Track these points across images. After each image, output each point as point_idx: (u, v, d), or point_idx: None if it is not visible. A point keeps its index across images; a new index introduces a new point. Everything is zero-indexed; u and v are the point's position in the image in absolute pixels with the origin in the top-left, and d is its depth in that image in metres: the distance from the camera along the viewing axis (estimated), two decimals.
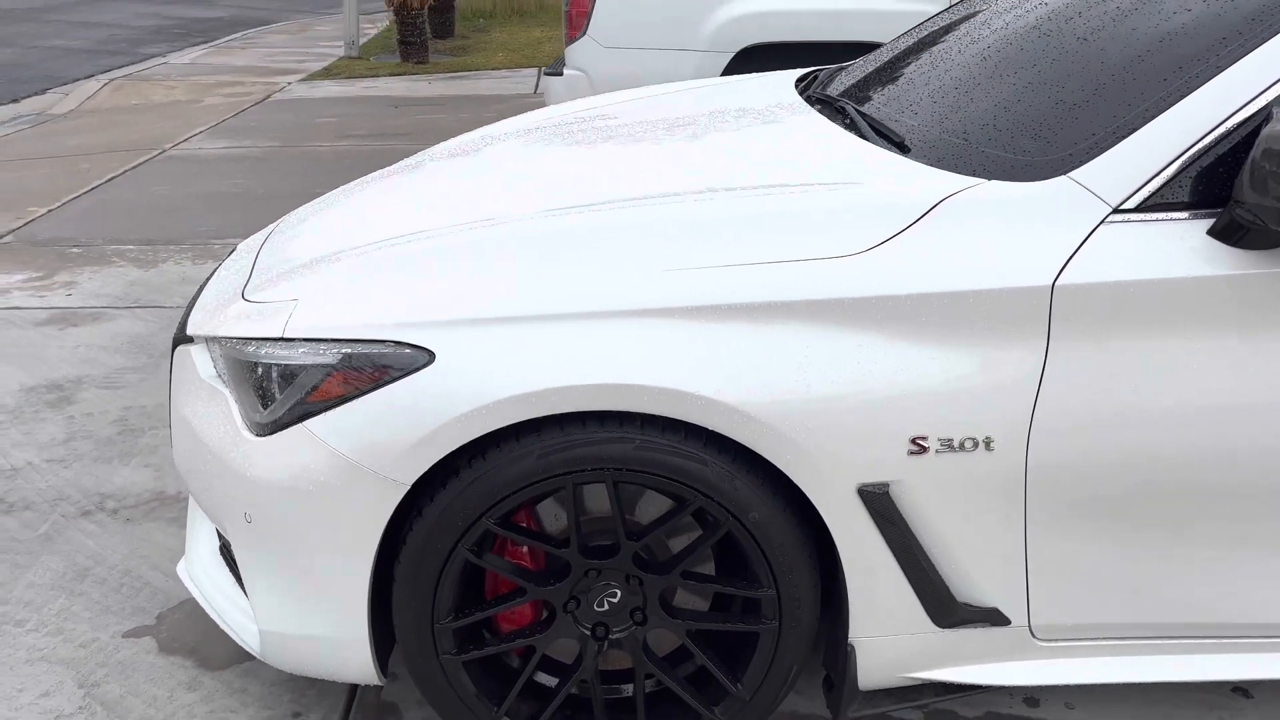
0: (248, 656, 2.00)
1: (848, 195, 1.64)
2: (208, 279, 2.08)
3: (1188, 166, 1.50)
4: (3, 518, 2.47)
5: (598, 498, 1.63)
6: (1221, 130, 1.49)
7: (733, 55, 4.32)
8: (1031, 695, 1.92)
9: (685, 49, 4.35)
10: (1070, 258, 1.48)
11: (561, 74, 4.54)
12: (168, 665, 1.99)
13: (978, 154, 1.69)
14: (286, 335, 1.59)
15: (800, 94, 2.30)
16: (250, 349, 1.63)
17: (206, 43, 12.27)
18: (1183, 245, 1.48)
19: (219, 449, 1.65)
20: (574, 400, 1.46)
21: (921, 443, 1.49)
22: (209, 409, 1.72)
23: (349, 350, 1.54)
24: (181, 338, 1.87)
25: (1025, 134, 1.68)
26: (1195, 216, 1.50)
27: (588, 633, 1.65)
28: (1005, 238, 1.50)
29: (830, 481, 1.50)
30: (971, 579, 1.59)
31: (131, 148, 6.64)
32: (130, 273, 4.22)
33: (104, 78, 9.75)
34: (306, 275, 1.73)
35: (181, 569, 1.95)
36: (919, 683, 1.68)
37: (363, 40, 11.72)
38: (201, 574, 1.89)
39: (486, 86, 9.14)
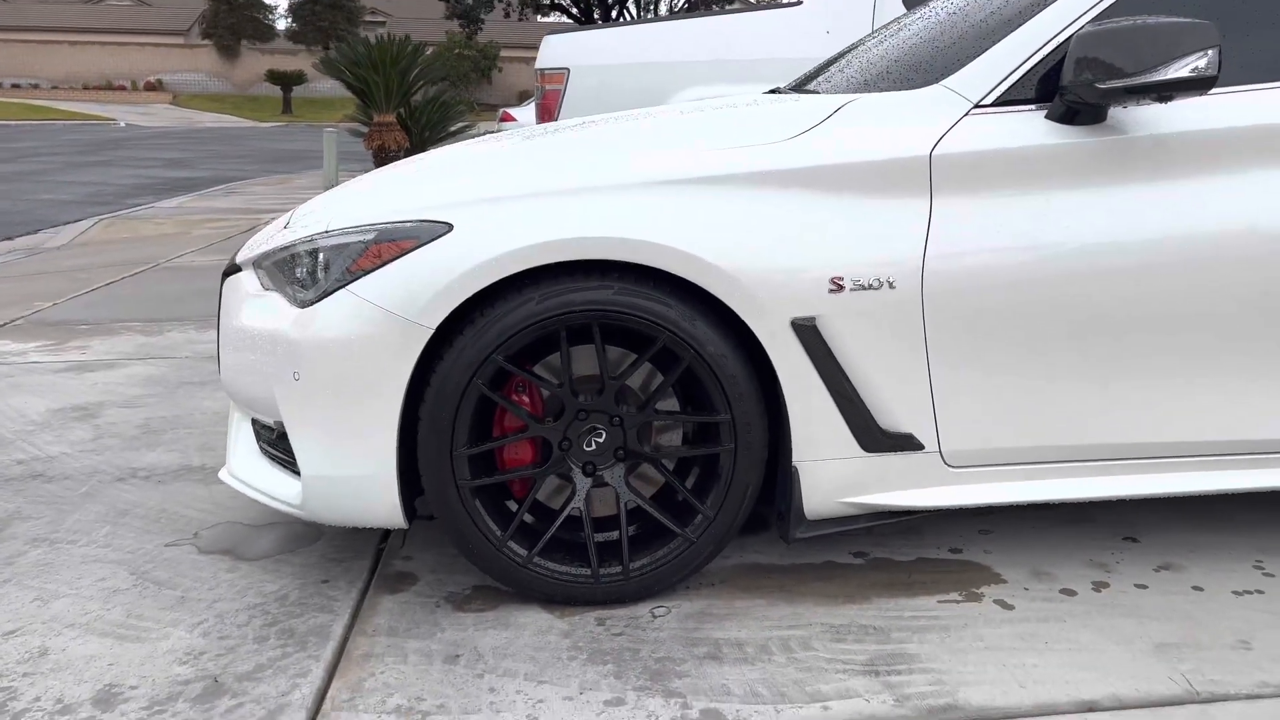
0: (282, 550, 2.29)
1: (780, 107, 2.11)
2: (244, 244, 2.47)
3: (1028, 73, 1.98)
4: (44, 485, 2.74)
5: (585, 359, 1.99)
6: (1050, 46, 1.98)
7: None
8: (955, 544, 2.25)
9: None
10: (942, 136, 1.93)
11: None
12: (208, 560, 2.26)
13: (876, 87, 2.17)
14: (330, 229, 1.99)
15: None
16: (298, 246, 2.01)
17: (191, 192, 12.97)
18: (1027, 126, 1.95)
19: (270, 330, 2.01)
20: (561, 251, 1.85)
21: (839, 282, 1.90)
22: (258, 310, 2.08)
23: (383, 227, 1.93)
24: (232, 269, 2.25)
25: (910, 69, 2.17)
26: (1036, 108, 1.97)
27: (579, 468, 1.98)
28: (893, 124, 1.96)
29: (769, 316, 1.89)
30: (889, 406, 1.96)
31: (129, 263, 7.09)
32: (138, 339, 4.58)
33: (93, 219, 10.30)
34: (333, 200, 2.14)
35: (224, 473, 2.25)
36: (854, 510, 2.01)
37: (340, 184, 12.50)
38: (242, 468, 2.19)
39: None
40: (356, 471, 1.94)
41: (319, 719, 1.66)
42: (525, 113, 18.69)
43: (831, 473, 1.98)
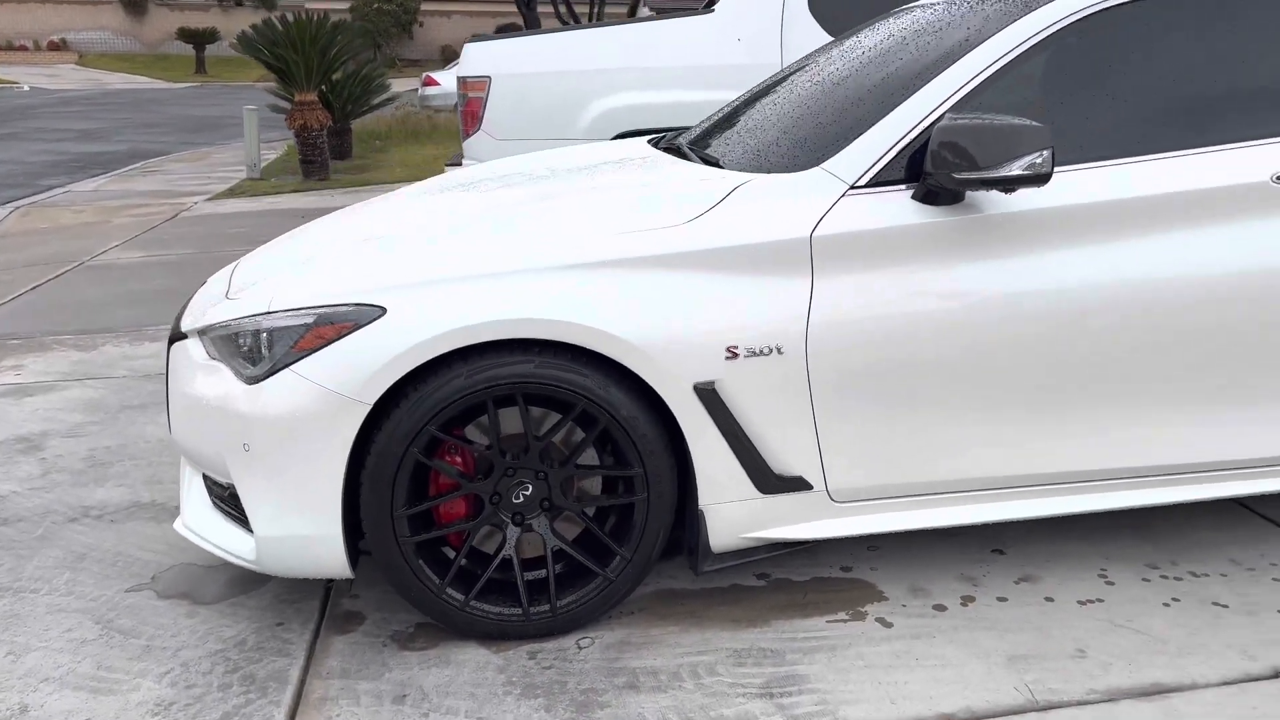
0: (236, 593, 2.49)
1: (682, 187, 2.33)
2: (187, 302, 2.62)
3: (897, 156, 2.23)
4: (1, 529, 2.88)
5: (511, 420, 2.21)
6: (916, 132, 2.23)
7: (610, 140, 5.10)
8: (846, 563, 2.54)
9: (568, 138, 5.11)
10: (822, 217, 2.18)
11: (461, 164, 5.25)
12: (168, 605, 2.44)
13: (765, 162, 2.41)
14: (271, 309, 2.16)
15: (651, 145, 3.03)
16: (244, 324, 2.19)
17: (106, 173, 12.69)
18: (896, 206, 2.20)
19: (219, 403, 2.19)
20: (486, 332, 2.06)
21: (734, 350, 2.14)
22: (206, 380, 2.25)
23: (322, 312, 2.12)
24: (176, 335, 2.41)
25: (795, 147, 2.41)
26: (905, 188, 2.22)
27: (508, 518, 2.21)
28: (779, 207, 2.20)
29: (674, 381, 2.13)
30: (781, 454, 2.22)
31: (52, 261, 7.04)
32: (73, 355, 4.64)
33: (9, 207, 10.07)
34: (276, 275, 2.32)
35: (179, 524, 2.43)
36: (753, 543, 2.29)
37: (263, 163, 12.33)
38: (197, 521, 2.38)
39: None
40: (306, 532, 2.14)
41: None
42: (448, 77, 18.51)
43: (733, 513, 2.25)
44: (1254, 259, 2.24)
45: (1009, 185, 2.08)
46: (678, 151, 2.85)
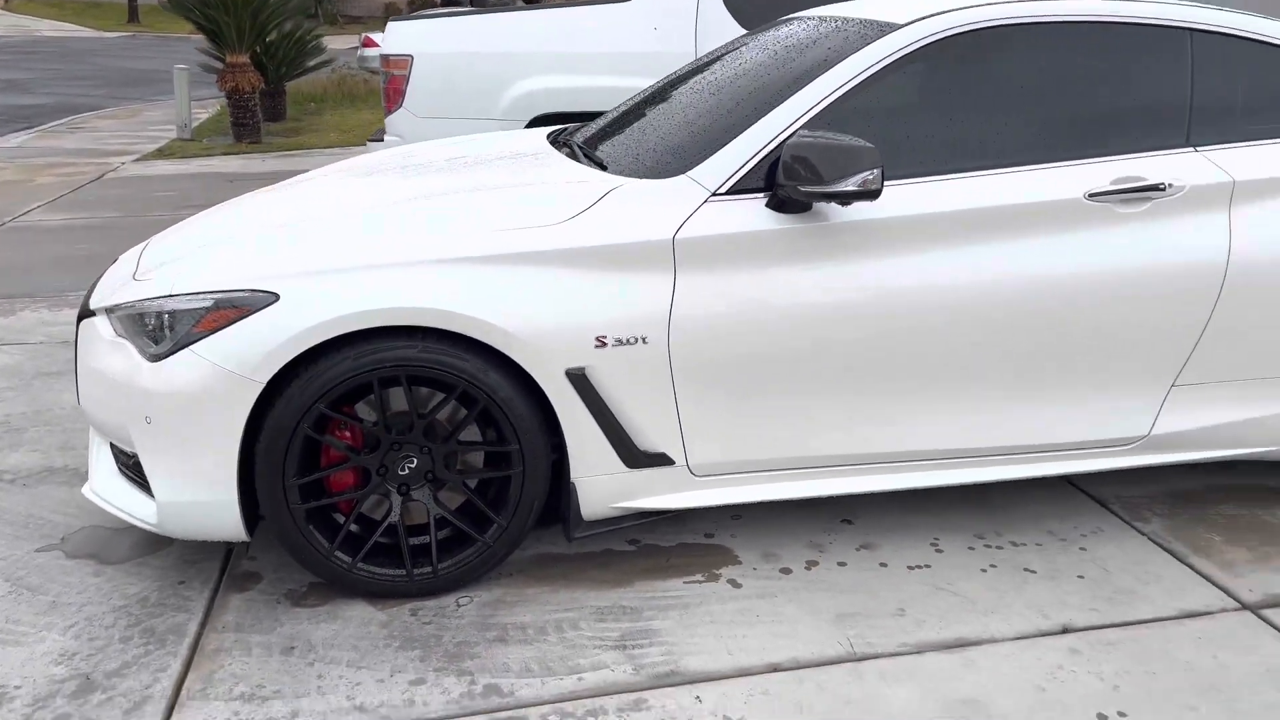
0: (141, 554, 2.66)
1: (560, 189, 2.53)
2: (96, 281, 2.76)
3: (755, 168, 2.46)
4: None
5: (399, 399, 2.42)
6: (771, 146, 2.46)
7: (526, 123, 5.27)
8: (710, 530, 2.80)
9: (487, 118, 5.26)
10: (684, 221, 2.40)
11: (383, 140, 5.37)
12: (75, 565, 2.61)
13: (642, 167, 2.62)
14: (174, 292, 2.33)
15: (548, 140, 3.23)
16: (149, 305, 2.35)
17: (30, 128, 12.42)
18: (751, 213, 2.43)
19: (124, 378, 2.35)
20: (372, 319, 2.25)
21: (603, 339, 2.37)
22: (113, 356, 2.41)
23: (220, 296, 2.29)
24: (85, 313, 2.56)
25: (669, 153, 2.63)
26: (761, 196, 2.45)
27: (394, 489, 2.42)
28: (646, 211, 2.42)
29: (547, 366, 2.34)
30: (646, 433, 2.46)
31: None
32: None
33: None
34: (181, 259, 2.48)
35: (87, 489, 2.59)
36: (622, 512, 2.53)
37: (195, 124, 12.19)
38: (104, 487, 2.54)
39: (319, 162, 9.80)
40: (204, 498, 2.33)
41: (176, 708, 2.08)
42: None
43: (602, 485, 2.49)
44: (1069, 267, 2.52)
45: (845, 199, 2.32)
46: (571, 149, 3.05)
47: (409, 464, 2.43)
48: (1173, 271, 2.55)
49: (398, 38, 5.27)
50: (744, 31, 5.12)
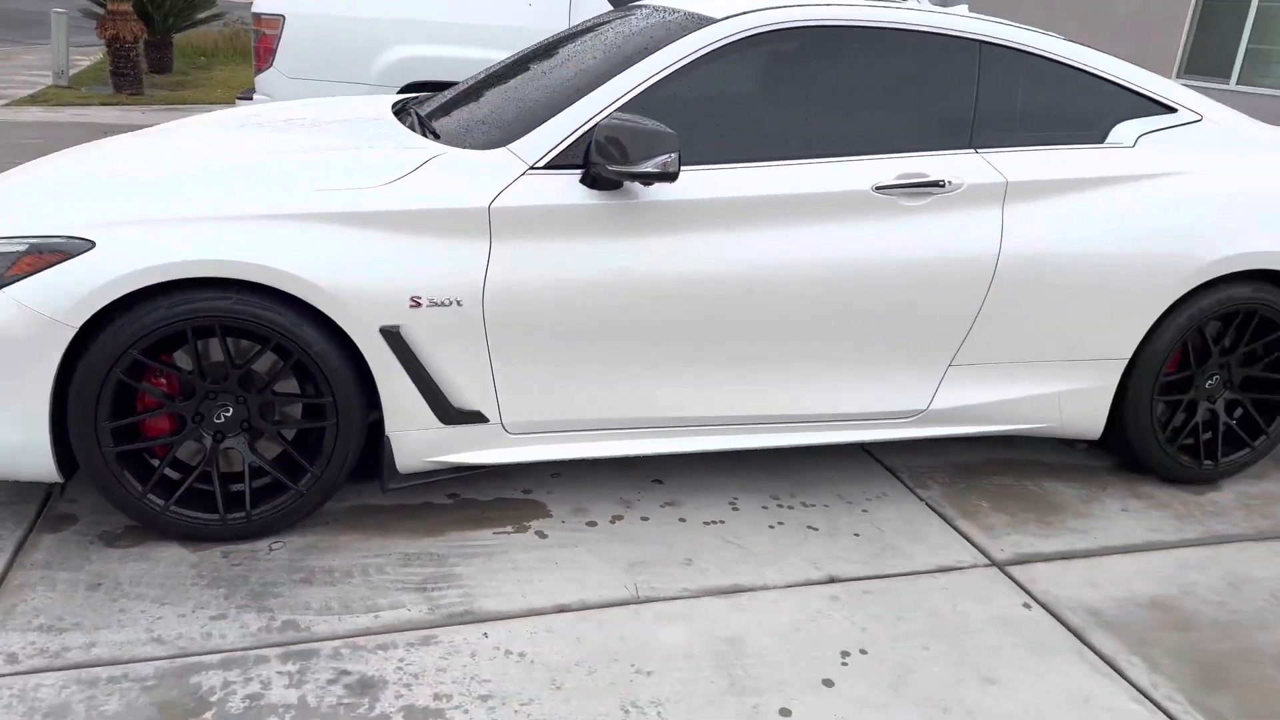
0: None
1: (383, 154, 2.64)
2: None
3: (572, 145, 2.62)
4: None
5: (217, 349, 2.50)
6: (588, 126, 2.62)
7: (399, 90, 5.32)
8: (528, 486, 2.97)
9: (359, 82, 5.29)
10: (501, 191, 2.55)
11: (251, 99, 5.35)
12: None
13: (470, 138, 2.75)
14: None
15: (392, 109, 3.33)
16: None
17: None
18: (567, 187, 2.59)
19: None
20: (185, 270, 2.33)
21: (418, 300, 2.50)
22: None
23: (35, 241, 2.34)
24: None
25: (495, 127, 2.77)
26: (577, 172, 2.61)
27: (209, 436, 2.52)
28: (464, 179, 2.55)
29: (361, 323, 2.47)
30: (460, 391, 2.61)
31: None
32: None
33: None
34: (2, 203, 2.51)
35: None
36: (438, 466, 2.67)
37: (74, 71, 11.73)
38: None
39: None
40: (17, 439, 2.38)
41: None
42: None
43: (417, 439, 2.62)
44: (857, 253, 2.75)
45: (648, 179, 2.50)
46: (413, 118, 3.16)
47: (224, 413, 2.53)
48: (951, 261, 2.81)
49: None
50: (610, 9, 5.26)
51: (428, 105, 3.34)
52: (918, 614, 2.48)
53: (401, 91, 5.32)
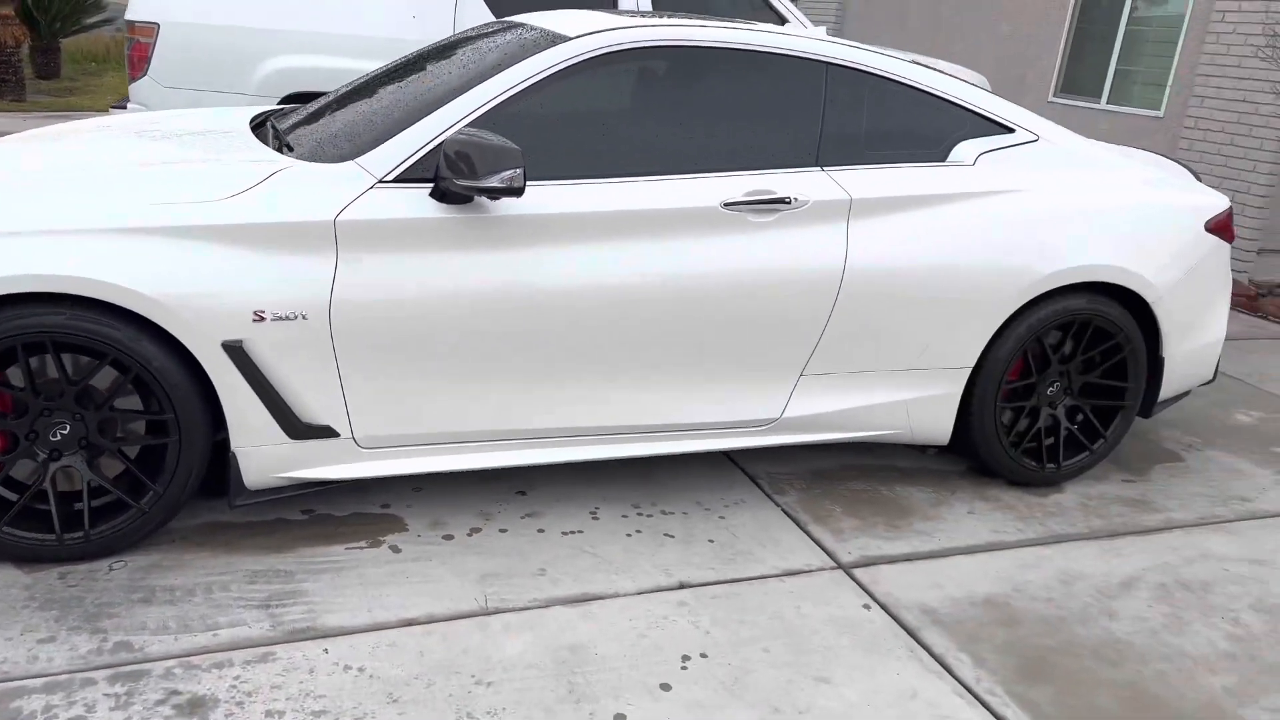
0: None
1: (228, 167, 2.62)
2: None
3: (421, 159, 2.63)
4: None
5: (51, 366, 2.45)
6: (438, 140, 2.64)
7: (279, 100, 5.24)
8: (387, 501, 2.96)
9: (238, 92, 5.20)
10: (347, 205, 2.55)
11: (125, 109, 5.22)
12: None
13: (321, 151, 2.75)
14: None
15: (251, 122, 3.29)
16: None
17: None
18: (416, 201, 2.60)
19: None
20: (12, 285, 2.28)
21: (261, 314, 2.48)
22: None
23: None
24: None
25: (346, 140, 2.77)
26: (427, 186, 2.63)
27: (45, 455, 2.46)
28: (309, 193, 2.55)
29: (203, 338, 2.44)
30: (309, 405, 2.59)
31: None
32: None
33: None
34: None
35: None
36: (287, 482, 2.65)
37: None
38: None
39: None
40: None
41: None
42: None
43: (265, 455, 2.60)
44: (707, 267, 2.82)
45: (494, 194, 2.53)
46: (272, 131, 3.13)
47: (61, 430, 2.47)
48: (798, 275, 2.91)
49: (144, 4, 5.13)
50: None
51: (287, 118, 3.32)
52: (761, 617, 2.55)
53: (283, 102, 5.25)
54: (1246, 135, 6.78)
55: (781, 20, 5.91)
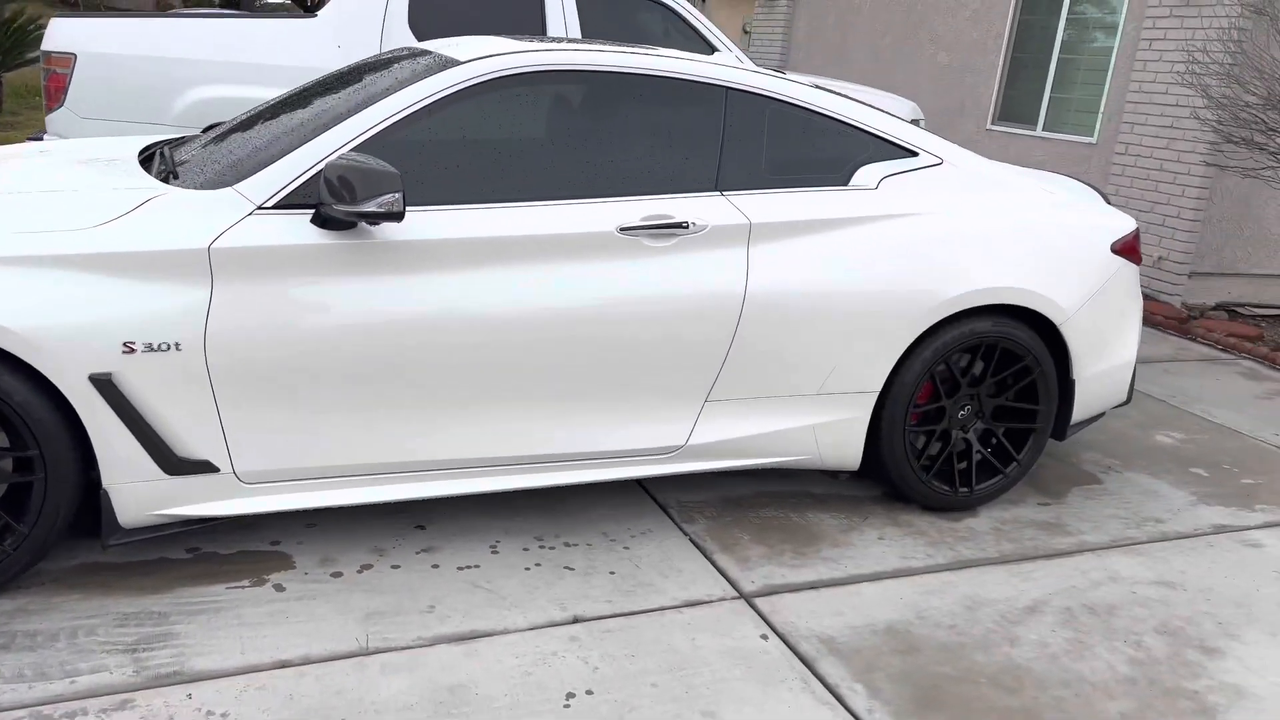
0: None
1: (100, 195, 2.54)
2: None
3: (302, 185, 2.57)
4: None
5: None
6: (319, 165, 2.59)
7: (201, 131, 5.17)
8: (276, 538, 2.86)
9: (157, 123, 5.12)
10: (223, 232, 2.48)
11: (42, 140, 5.11)
12: None
13: (201, 178, 2.68)
14: None
15: (141, 151, 3.22)
16: None
17: None
18: (297, 227, 2.54)
19: None
20: None
21: (131, 345, 2.39)
22: None
23: None
24: None
25: (227, 167, 2.70)
26: (308, 212, 2.57)
27: None
28: (183, 220, 2.47)
29: (68, 372, 2.35)
30: (185, 440, 2.50)
31: None
32: None
33: None
34: None
35: None
36: (165, 520, 2.55)
37: None
38: None
39: None
40: None
41: None
42: None
43: (139, 492, 2.50)
44: (602, 293, 2.78)
45: (374, 219, 2.47)
46: (160, 159, 3.06)
47: None
48: (698, 300, 2.87)
49: (60, 34, 5.05)
50: None
51: (181, 147, 3.24)
52: (654, 650, 2.48)
53: (206, 133, 5.17)
54: (1175, 161, 6.89)
55: (712, 50, 5.93)
